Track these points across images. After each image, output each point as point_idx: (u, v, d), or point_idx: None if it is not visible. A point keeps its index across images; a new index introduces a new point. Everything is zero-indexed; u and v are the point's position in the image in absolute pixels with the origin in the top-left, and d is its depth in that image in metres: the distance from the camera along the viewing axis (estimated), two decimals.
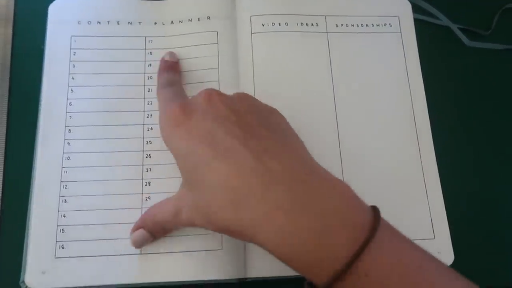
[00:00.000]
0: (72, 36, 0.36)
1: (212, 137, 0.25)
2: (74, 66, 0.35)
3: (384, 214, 0.32)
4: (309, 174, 0.24)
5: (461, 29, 0.40)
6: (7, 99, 0.35)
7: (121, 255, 0.31)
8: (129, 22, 0.37)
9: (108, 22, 0.37)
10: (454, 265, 0.32)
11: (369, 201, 0.32)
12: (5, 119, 0.35)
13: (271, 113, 0.29)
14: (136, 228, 0.30)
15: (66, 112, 0.34)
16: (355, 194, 0.24)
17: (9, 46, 0.37)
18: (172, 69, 0.34)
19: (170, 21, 0.37)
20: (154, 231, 0.30)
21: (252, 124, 0.26)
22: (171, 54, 0.35)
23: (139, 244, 0.30)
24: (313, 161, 0.26)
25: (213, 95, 0.27)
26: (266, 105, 0.29)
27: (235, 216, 0.23)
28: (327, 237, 0.22)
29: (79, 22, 0.37)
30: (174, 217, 0.27)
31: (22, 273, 0.30)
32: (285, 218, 0.22)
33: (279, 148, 0.25)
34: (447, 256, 0.32)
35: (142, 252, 0.31)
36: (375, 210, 0.24)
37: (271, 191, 0.22)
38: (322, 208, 0.22)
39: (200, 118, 0.26)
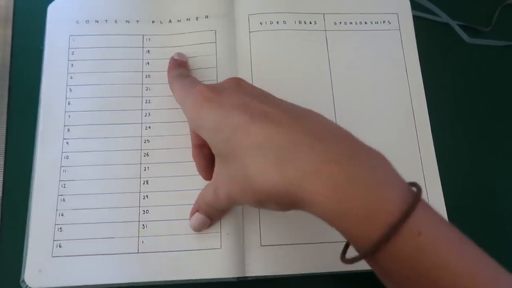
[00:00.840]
0: (70, 35, 0.36)
1: (245, 105, 0.25)
2: (72, 65, 0.35)
3: None
4: (349, 135, 0.24)
5: (460, 26, 0.40)
6: (6, 99, 0.36)
7: (119, 254, 0.31)
8: (127, 21, 0.37)
9: (106, 21, 0.37)
10: None
11: None
12: (5, 119, 0.35)
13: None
14: (193, 212, 0.31)
15: (65, 112, 0.34)
16: (392, 167, 0.24)
17: (8, 46, 0.37)
18: (182, 65, 0.35)
19: (168, 20, 0.37)
20: (208, 213, 0.30)
21: (282, 105, 0.26)
22: (180, 54, 0.35)
23: (197, 227, 0.31)
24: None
25: (240, 80, 0.28)
26: None
27: (279, 175, 0.22)
28: (381, 190, 0.21)
29: (77, 22, 0.37)
30: (215, 197, 0.27)
31: (22, 272, 0.30)
32: (338, 169, 0.21)
33: (313, 118, 0.25)
34: None
35: (139, 251, 0.31)
36: (416, 184, 0.23)
37: (320, 143, 0.22)
38: (372, 163, 0.22)
39: (231, 94, 0.26)
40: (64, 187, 0.32)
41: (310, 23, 0.38)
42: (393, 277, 0.21)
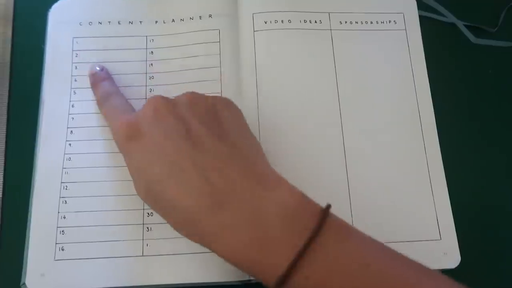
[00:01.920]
0: (74, 37, 0.36)
1: (164, 154, 0.26)
2: (76, 68, 0.35)
3: (389, 215, 0.32)
4: (253, 187, 0.25)
5: (467, 26, 0.39)
6: (7, 99, 0.35)
7: (121, 257, 0.30)
8: (130, 22, 0.37)
9: (109, 22, 0.36)
10: (460, 266, 0.31)
11: (374, 201, 0.32)
12: (5, 119, 0.35)
13: (226, 106, 0.29)
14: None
15: (69, 114, 0.34)
16: (302, 198, 0.25)
17: (8, 45, 0.36)
18: (104, 79, 0.34)
19: (172, 20, 0.37)
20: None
21: (201, 134, 0.26)
22: (93, 66, 0.34)
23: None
24: (262, 165, 0.27)
25: (159, 105, 0.28)
26: (220, 99, 0.30)
27: (189, 231, 0.26)
28: (268, 247, 0.23)
29: (80, 23, 0.36)
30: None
31: (23, 276, 0.30)
32: (231, 236, 0.24)
33: (227, 160, 0.26)
34: (453, 257, 0.32)
35: (143, 254, 0.31)
36: (323, 210, 0.24)
37: (217, 214, 0.24)
38: (262, 222, 0.24)
39: (150, 133, 0.27)
40: (66, 189, 0.32)
41: (315, 22, 0.37)
42: None
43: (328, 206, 0.25)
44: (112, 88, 0.33)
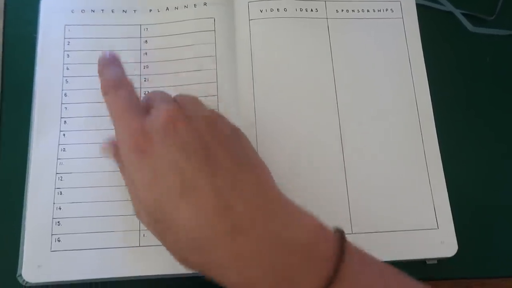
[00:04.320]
0: (65, 25, 0.35)
1: (179, 170, 0.23)
2: (68, 56, 0.35)
3: (386, 204, 0.32)
4: (276, 213, 0.24)
5: (464, 15, 0.39)
6: None
7: (118, 247, 0.30)
8: (123, 10, 0.36)
9: (102, 10, 0.36)
10: (457, 256, 0.31)
11: (371, 191, 0.32)
12: None
13: (237, 137, 0.27)
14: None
15: (62, 103, 0.33)
16: (319, 225, 0.24)
17: (0, 37, 0.36)
18: (113, 63, 0.29)
19: (166, 8, 0.36)
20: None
21: (219, 157, 0.24)
22: (104, 52, 0.30)
23: None
24: (275, 191, 0.25)
25: (176, 116, 0.25)
26: (232, 127, 0.28)
27: (200, 259, 0.23)
28: (291, 275, 0.22)
29: (72, 11, 0.36)
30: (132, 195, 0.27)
31: (19, 267, 0.30)
32: (249, 265, 0.22)
33: (245, 184, 0.24)
34: (450, 246, 0.32)
35: (140, 245, 0.30)
36: (341, 237, 0.24)
37: (235, 240, 0.22)
38: (284, 249, 0.22)
39: (165, 146, 0.24)
40: (61, 180, 0.31)
41: (312, 10, 0.37)
42: None
43: (342, 231, 0.24)
44: (121, 75, 0.29)
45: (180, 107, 0.26)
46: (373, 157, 0.33)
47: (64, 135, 0.33)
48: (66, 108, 0.33)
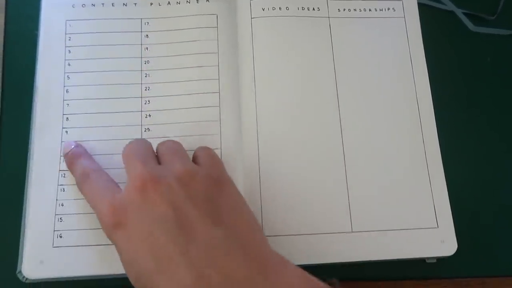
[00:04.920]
0: (67, 20, 0.35)
1: (152, 243, 0.24)
2: (69, 51, 0.34)
3: (386, 202, 0.32)
4: (254, 277, 0.23)
5: (465, 14, 0.39)
6: (0, 88, 0.35)
7: None
8: (124, 4, 0.36)
9: (103, 4, 0.36)
10: (457, 255, 0.32)
11: (371, 189, 0.32)
12: None
13: (218, 189, 0.27)
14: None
15: (63, 100, 0.33)
16: (307, 280, 0.24)
17: (1, 32, 0.36)
18: (81, 157, 0.31)
19: (167, 2, 0.36)
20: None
21: (194, 219, 0.24)
22: (67, 143, 0.32)
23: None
24: (261, 246, 0.25)
25: (146, 185, 0.25)
26: (214, 173, 0.28)
27: None
28: None
29: (73, 6, 0.36)
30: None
31: (19, 263, 0.30)
32: None
33: (223, 249, 0.24)
34: (450, 245, 0.32)
35: None
36: None
37: None
38: None
39: (137, 219, 0.25)
40: (64, 176, 0.32)
41: (313, 9, 0.37)
42: None
43: (335, 283, 0.24)
44: (91, 165, 0.30)
45: (153, 169, 0.26)
46: (373, 156, 0.34)
47: (66, 132, 0.33)
48: (68, 104, 0.33)
